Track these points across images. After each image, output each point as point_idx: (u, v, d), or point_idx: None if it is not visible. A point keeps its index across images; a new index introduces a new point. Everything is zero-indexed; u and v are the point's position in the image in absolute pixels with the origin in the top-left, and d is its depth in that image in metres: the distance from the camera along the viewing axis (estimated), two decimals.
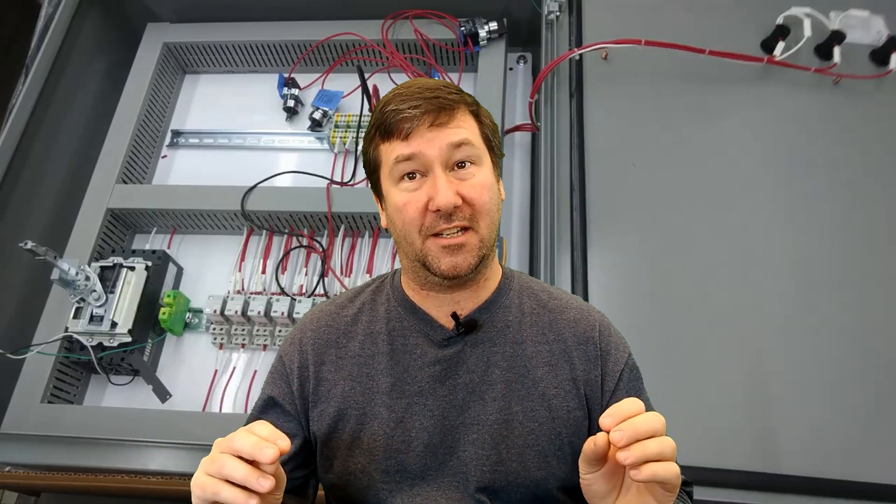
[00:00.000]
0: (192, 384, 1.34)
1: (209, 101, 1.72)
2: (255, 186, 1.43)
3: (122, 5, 1.68)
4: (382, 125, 0.70)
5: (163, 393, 1.30)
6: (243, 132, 1.63)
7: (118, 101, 1.57)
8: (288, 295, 1.36)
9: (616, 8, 1.48)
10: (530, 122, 1.49)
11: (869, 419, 1.08)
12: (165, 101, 1.67)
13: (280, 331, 1.35)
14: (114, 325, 1.25)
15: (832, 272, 1.20)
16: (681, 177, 1.30)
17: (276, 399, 0.78)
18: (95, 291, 1.26)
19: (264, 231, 1.46)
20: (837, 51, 1.38)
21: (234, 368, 1.35)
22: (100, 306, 1.26)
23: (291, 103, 1.62)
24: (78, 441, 1.18)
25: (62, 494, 1.36)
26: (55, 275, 1.20)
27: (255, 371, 1.34)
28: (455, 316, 0.74)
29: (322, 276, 1.39)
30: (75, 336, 1.26)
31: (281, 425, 0.76)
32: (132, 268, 1.31)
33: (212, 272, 1.46)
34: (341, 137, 1.54)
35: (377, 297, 0.81)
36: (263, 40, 1.64)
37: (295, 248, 1.44)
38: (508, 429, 0.73)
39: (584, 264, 1.23)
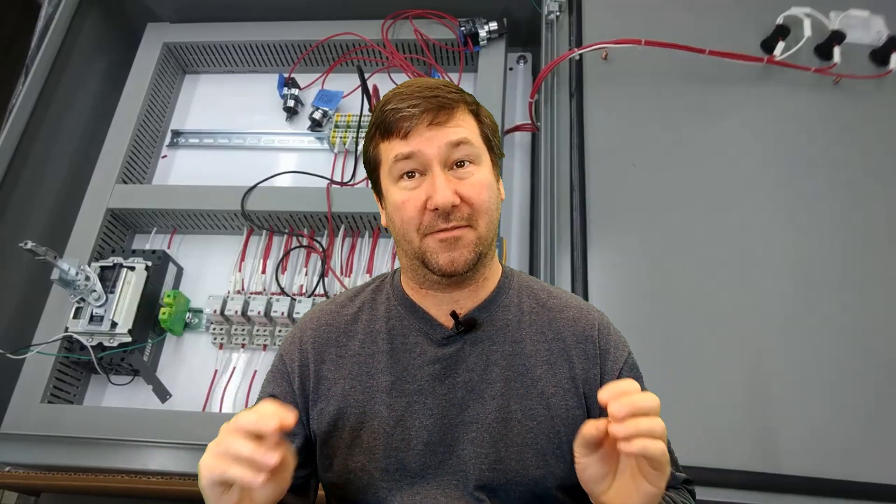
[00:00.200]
0: (192, 384, 1.34)
1: (209, 101, 1.72)
2: (255, 186, 1.43)
3: (122, 5, 1.68)
4: (382, 124, 0.70)
5: (163, 393, 1.30)
6: (243, 132, 1.63)
7: (118, 101, 1.57)
8: (288, 295, 1.36)
9: (616, 8, 1.48)
10: (530, 122, 1.49)
11: (869, 419, 1.08)
12: (165, 101, 1.67)
13: (280, 331, 1.35)
14: (114, 325, 1.25)
15: (832, 272, 1.20)
16: (681, 177, 1.30)
17: (277, 397, 0.78)
18: (95, 291, 1.26)
19: (264, 231, 1.46)
20: (837, 51, 1.38)
21: (234, 368, 1.35)
22: (100, 306, 1.27)
23: (291, 103, 1.62)
24: (78, 441, 1.18)
25: (62, 494, 1.36)
26: (55, 275, 1.20)
27: (255, 371, 1.35)
28: (454, 315, 0.74)
29: (322, 276, 1.39)
30: (75, 336, 1.26)
31: None
32: (132, 268, 1.31)
33: (212, 272, 1.46)
34: (341, 137, 1.54)
35: (377, 297, 0.82)
36: (263, 40, 1.64)
37: (295, 248, 1.44)
38: (507, 427, 0.73)
39: (584, 264, 1.23)
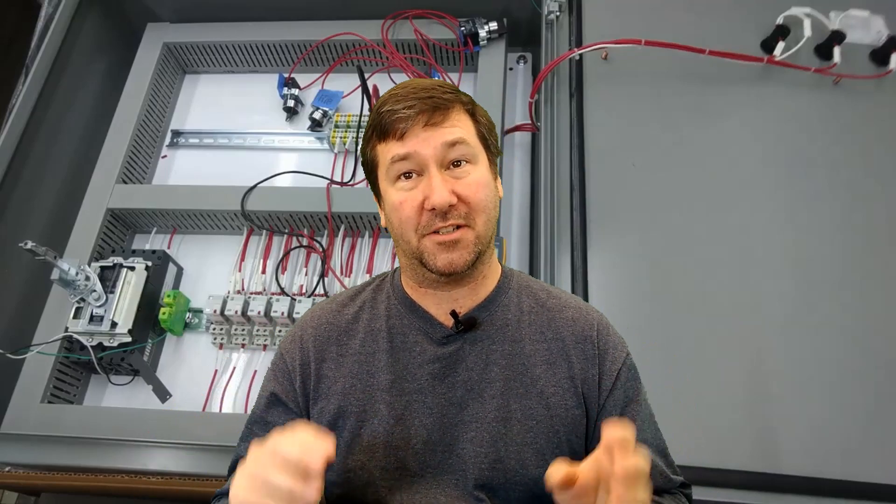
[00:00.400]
0: (192, 384, 1.34)
1: (209, 101, 1.72)
2: (255, 186, 1.43)
3: (122, 5, 1.68)
4: (378, 126, 0.71)
5: (163, 393, 1.30)
6: (243, 132, 1.63)
7: (118, 101, 1.57)
8: (288, 295, 1.36)
9: (616, 8, 1.48)
10: (530, 122, 1.49)
11: (869, 419, 1.08)
12: (165, 101, 1.67)
13: (280, 331, 1.35)
14: (114, 325, 1.25)
15: (832, 272, 1.20)
16: (681, 177, 1.30)
17: (279, 396, 0.78)
18: (95, 291, 1.26)
19: (264, 231, 1.46)
20: (837, 51, 1.38)
21: (234, 368, 1.35)
22: (100, 306, 1.27)
23: (291, 103, 1.62)
24: (78, 441, 1.18)
25: (62, 494, 1.36)
26: (55, 275, 1.20)
27: (255, 371, 1.34)
28: (454, 314, 0.74)
29: (322, 276, 1.39)
30: (75, 336, 1.26)
31: (284, 422, 0.76)
32: (132, 268, 1.31)
33: (212, 272, 1.46)
34: (341, 137, 1.54)
35: (378, 296, 0.82)
36: (263, 40, 1.64)
37: (295, 248, 1.44)
38: (507, 426, 0.73)
39: (584, 264, 1.23)
